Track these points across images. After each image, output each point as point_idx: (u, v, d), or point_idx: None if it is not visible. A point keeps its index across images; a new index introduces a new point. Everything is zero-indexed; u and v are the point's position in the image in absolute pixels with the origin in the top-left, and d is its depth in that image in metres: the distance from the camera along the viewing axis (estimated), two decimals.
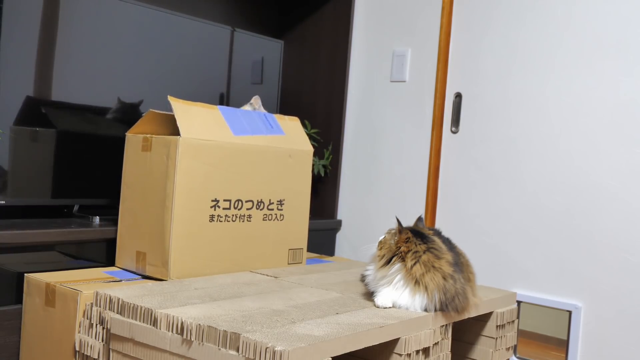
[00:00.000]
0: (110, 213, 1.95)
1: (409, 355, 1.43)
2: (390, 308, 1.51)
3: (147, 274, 1.72)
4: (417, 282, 1.49)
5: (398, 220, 1.57)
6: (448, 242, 1.67)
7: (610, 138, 2.05)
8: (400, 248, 1.51)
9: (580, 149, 2.10)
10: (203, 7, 2.52)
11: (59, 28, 1.87)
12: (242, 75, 2.40)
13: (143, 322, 1.35)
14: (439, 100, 2.38)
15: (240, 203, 1.82)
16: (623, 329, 2.00)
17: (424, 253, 1.50)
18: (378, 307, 1.51)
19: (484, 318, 1.77)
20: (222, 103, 2.34)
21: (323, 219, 2.57)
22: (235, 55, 2.37)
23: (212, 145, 1.74)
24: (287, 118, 2.04)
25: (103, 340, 1.43)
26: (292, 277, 1.81)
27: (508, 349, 1.84)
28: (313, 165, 2.52)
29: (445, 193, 2.38)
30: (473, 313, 1.64)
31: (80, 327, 1.48)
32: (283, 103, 2.71)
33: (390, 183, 2.52)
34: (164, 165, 1.69)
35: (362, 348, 1.32)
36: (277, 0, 2.80)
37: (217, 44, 2.30)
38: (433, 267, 1.49)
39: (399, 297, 1.50)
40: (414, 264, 1.49)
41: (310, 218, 2.42)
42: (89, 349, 1.45)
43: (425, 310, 1.50)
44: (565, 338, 2.09)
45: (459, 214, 2.34)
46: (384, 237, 1.59)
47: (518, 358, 2.16)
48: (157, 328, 1.31)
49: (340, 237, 2.64)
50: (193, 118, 1.73)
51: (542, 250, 2.16)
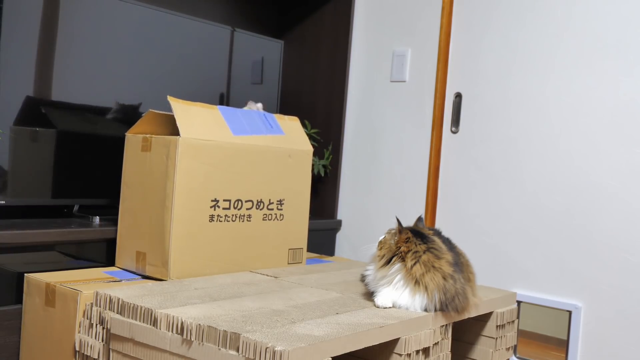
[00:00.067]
0: (110, 213, 1.95)
1: (409, 355, 1.43)
2: (390, 308, 1.51)
3: (147, 274, 1.72)
4: (417, 282, 1.49)
5: (398, 220, 1.57)
6: (448, 242, 1.67)
7: (610, 138, 2.05)
8: (400, 248, 1.51)
9: (580, 149, 2.10)
10: (203, 7, 2.52)
11: (59, 28, 1.87)
12: (242, 75, 2.40)
13: (143, 322, 1.35)
14: (439, 100, 2.38)
15: (240, 203, 1.82)
16: (623, 329, 2.00)
17: (424, 253, 1.50)
18: (378, 307, 1.51)
19: (484, 318, 1.77)
20: (222, 103, 2.34)
21: (323, 219, 2.57)
22: (235, 55, 2.37)
23: (211, 145, 1.74)
24: (286, 118, 2.04)
25: (103, 340, 1.43)
26: (292, 277, 1.81)
27: (508, 349, 1.84)
28: (313, 165, 2.52)
29: (445, 193, 2.38)
30: (473, 313, 1.64)
31: (80, 327, 1.48)
32: (283, 103, 2.71)
33: (390, 183, 2.52)
34: (164, 165, 1.69)
35: (362, 348, 1.32)
36: (277, 0, 2.80)
37: (217, 44, 2.30)
38: (433, 267, 1.49)
39: (399, 297, 1.50)
40: (414, 264, 1.49)
41: (310, 218, 2.42)
42: (89, 349, 1.45)
43: (425, 310, 1.50)
44: (565, 338, 2.09)
45: (459, 214, 2.34)
46: (384, 237, 1.59)
47: (518, 358, 2.16)
48: (157, 328, 1.31)
49: (340, 237, 2.64)
50: (193, 118, 1.73)
51: (542, 250, 2.16)
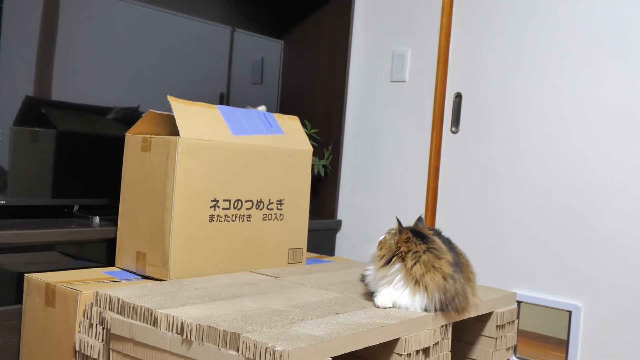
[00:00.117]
0: (110, 213, 1.95)
1: (409, 355, 1.43)
2: (390, 308, 1.51)
3: (147, 274, 1.72)
4: (417, 282, 1.49)
5: (398, 220, 1.57)
6: (448, 242, 1.67)
7: (610, 138, 2.05)
8: (401, 248, 1.51)
9: (580, 149, 2.10)
10: (203, 7, 2.52)
11: (59, 28, 1.87)
12: (242, 75, 2.40)
13: (143, 322, 1.34)
14: (439, 101, 2.38)
15: (240, 203, 1.82)
16: (623, 329, 2.00)
17: (424, 253, 1.50)
18: (378, 307, 1.51)
19: (484, 318, 1.77)
20: (222, 103, 2.34)
21: (323, 219, 2.57)
22: (235, 55, 2.37)
23: (211, 146, 1.74)
24: (286, 117, 2.04)
25: (103, 340, 1.43)
26: (292, 277, 1.81)
27: (508, 349, 1.84)
28: (313, 165, 2.52)
29: (445, 193, 2.38)
30: (473, 313, 1.64)
31: (80, 327, 1.48)
32: (283, 103, 2.71)
33: (390, 183, 2.52)
34: (164, 166, 1.69)
35: (362, 348, 1.32)
36: (277, 0, 2.80)
37: (217, 44, 2.30)
38: (433, 267, 1.49)
39: (399, 297, 1.50)
40: (414, 264, 1.49)
41: (310, 218, 2.42)
42: (89, 349, 1.45)
43: (425, 310, 1.50)
44: (565, 338, 2.09)
45: (459, 214, 2.34)
46: (384, 237, 1.59)
47: (518, 358, 2.16)
48: (157, 328, 1.31)
49: (340, 237, 2.64)
50: (192, 118, 1.73)
51: (542, 250, 2.16)
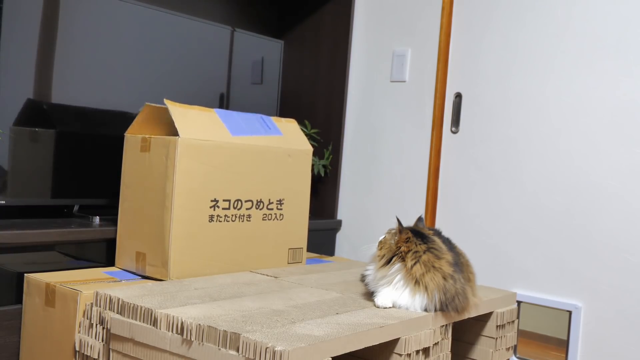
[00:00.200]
0: (110, 213, 1.95)
1: (409, 355, 1.43)
2: (390, 308, 1.51)
3: (147, 274, 1.72)
4: (417, 282, 1.49)
5: (398, 220, 1.57)
6: (448, 242, 1.67)
7: (610, 138, 2.05)
8: (401, 248, 1.51)
9: (580, 149, 2.10)
10: (203, 7, 2.52)
11: (59, 28, 1.87)
12: (242, 76, 2.40)
13: (143, 322, 1.34)
14: (439, 101, 2.38)
15: (240, 203, 1.82)
16: (623, 329, 2.00)
17: (424, 253, 1.50)
18: (378, 307, 1.51)
19: (484, 318, 1.77)
20: (222, 103, 2.34)
21: (323, 219, 2.57)
22: (235, 55, 2.37)
23: (211, 146, 1.74)
24: (284, 120, 2.03)
25: (103, 340, 1.43)
26: (292, 277, 1.81)
27: (508, 349, 1.84)
28: (313, 165, 2.52)
29: (445, 193, 2.38)
30: (473, 313, 1.64)
31: (80, 327, 1.48)
32: (283, 103, 2.71)
33: (390, 183, 2.52)
34: (163, 166, 1.69)
35: (362, 348, 1.32)
36: (277, 1, 2.80)
37: (217, 44, 2.30)
38: (433, 267, 1.49)
39: (399, 297, 1.50)
40: (414, 264, 1.49)
41: (310, 218, 2.42)
42: (89, 349, 1.45)
43: (425, 310, 1.50)
44: (565, 338, 2.09)
45: (459, 214, 2.34)
46: (384, 237, 1.59)
47: (518, 358, 2.16)
48: (157, 328, 1.31)
49: (340, 237, 2.64)
50: (191, 120, 1.73)
51: (542, 250, 2.16)
